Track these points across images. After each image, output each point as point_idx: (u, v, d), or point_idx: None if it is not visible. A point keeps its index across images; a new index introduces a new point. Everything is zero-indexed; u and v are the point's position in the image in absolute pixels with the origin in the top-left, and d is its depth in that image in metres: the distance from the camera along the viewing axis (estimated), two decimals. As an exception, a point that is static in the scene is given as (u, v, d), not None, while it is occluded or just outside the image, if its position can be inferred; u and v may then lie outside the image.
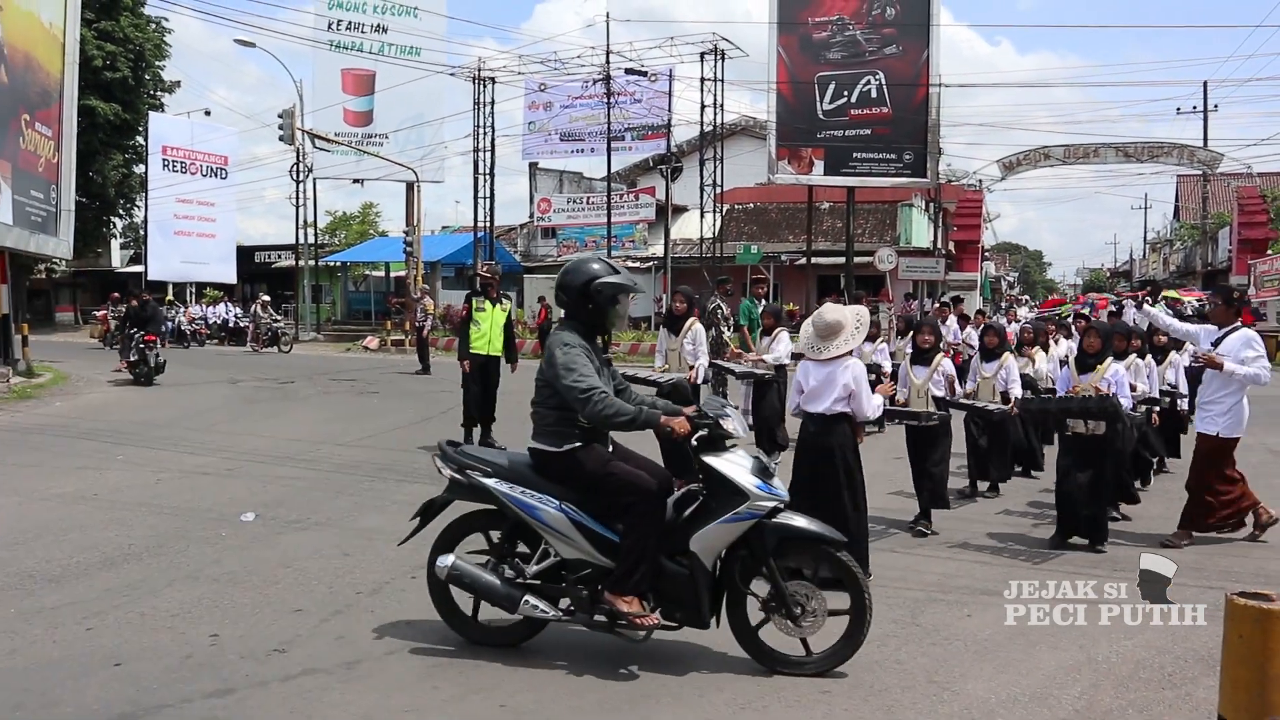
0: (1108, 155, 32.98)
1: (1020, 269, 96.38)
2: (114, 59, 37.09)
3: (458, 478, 5.20)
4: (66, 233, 21.04)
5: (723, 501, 4.90)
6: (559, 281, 5.29)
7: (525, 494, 5.03)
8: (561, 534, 5.00)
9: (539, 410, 5.18)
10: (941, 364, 8.30)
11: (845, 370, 6.49)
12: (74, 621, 5.58)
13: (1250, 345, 7.53)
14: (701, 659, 5.17)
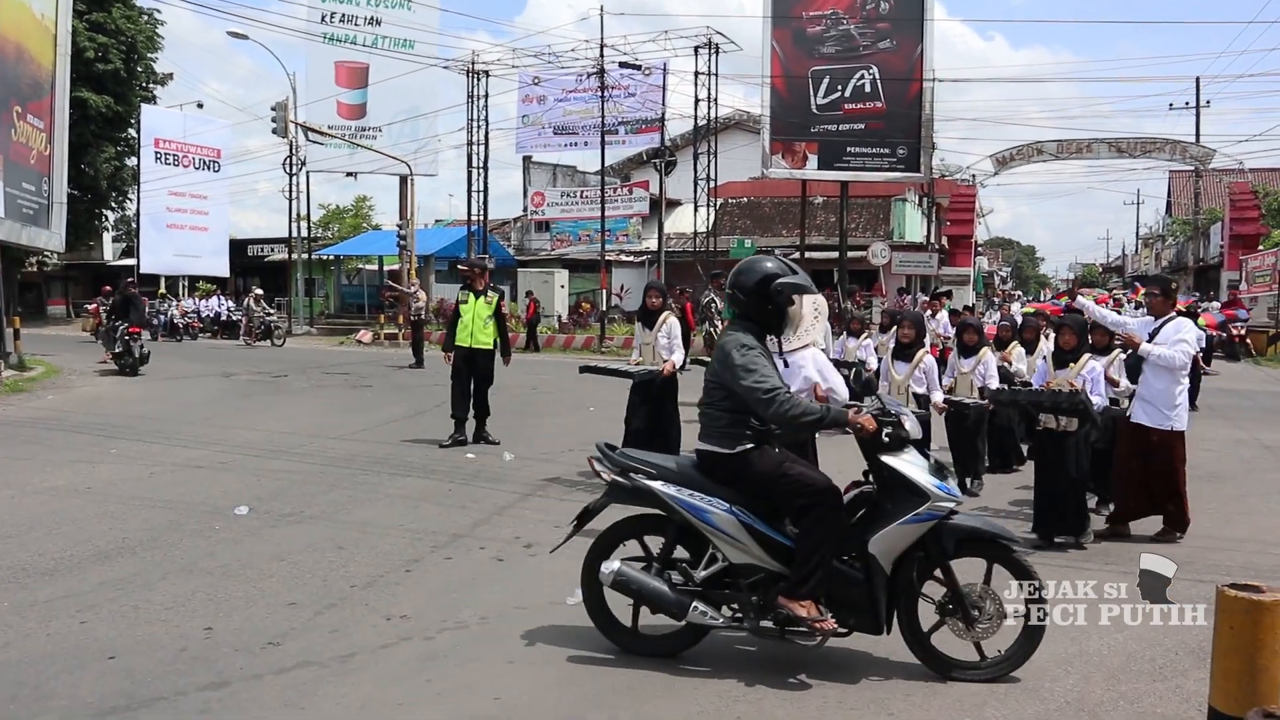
0: (1100, 150, 33.04)
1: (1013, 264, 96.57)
2: (106, 51, 36.95)
3: (620, 481, 5.04)
4: (58, 225, 20.98)
5: (901, 503, 4.80)
6: (733, 282, 5.11)
7: (693, 496, 4.90)
8: (731, 537, 4.87)
9: (709, 412, 5.03)
10: (923, 361, 8.25)
11: (807, 360, 6.44)
12: (68, 615, 5.58)
13: (1180, 331, 7.53)
14: (697, 651, 5.18)
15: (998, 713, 4.54)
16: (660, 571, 5.02)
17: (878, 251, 31.58)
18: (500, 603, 5.91)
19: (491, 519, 8.02)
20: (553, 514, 8.15)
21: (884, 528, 4.78)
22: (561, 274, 35.66)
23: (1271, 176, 42.52)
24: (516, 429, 12.35)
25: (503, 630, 5.46)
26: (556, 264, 38.16)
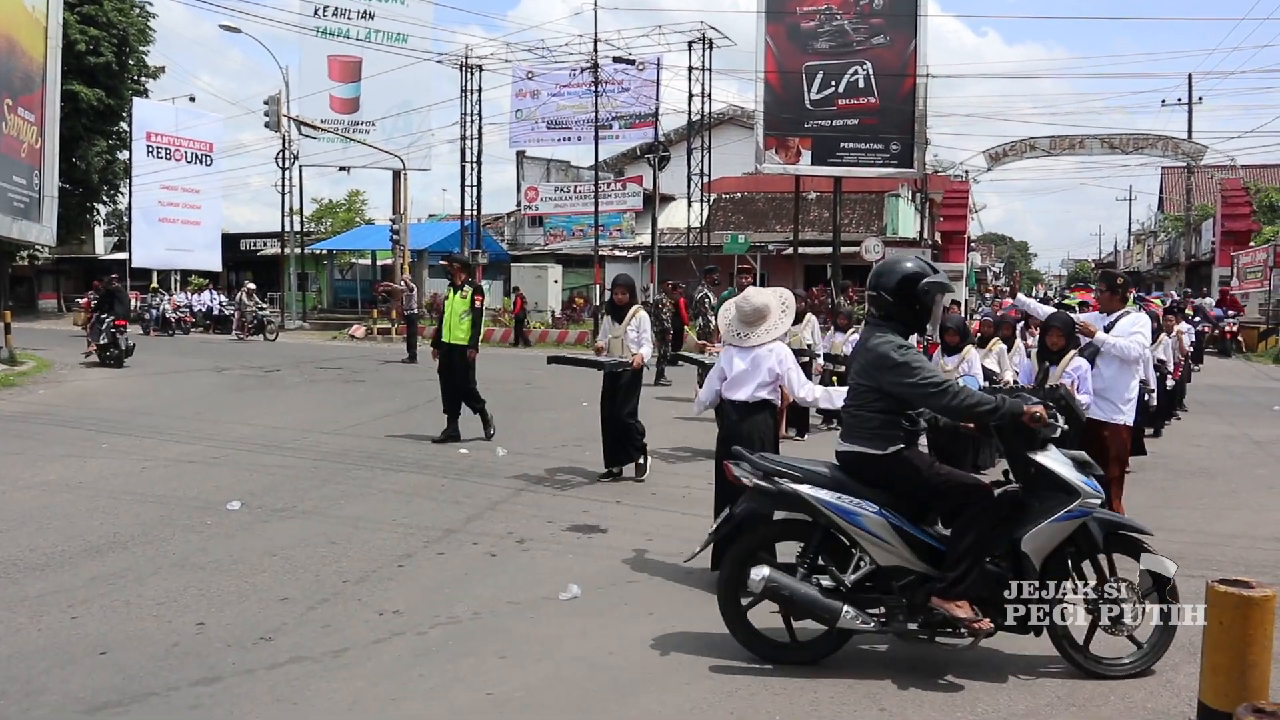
0: (1093, 147, 33.07)
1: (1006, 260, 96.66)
2: (97, 43, 36.85)
3: (764, 485, 4.98)
4: (50, 219, 20.91)
5: (1051, 500, 4.81)
6: (875, 284, 5.07)
7: (842, 500, 4.85)
8: (881, 540, 4.83)
9: (859, 414, 5.00)
10: None
11: (771, 355, 6.36)
12: (59, 610, 5.57)
13: (1135, 325, 7.48)
14: (687, 646, 5.19)
15: (990, 707, 4.55)
16: (806, 577, 4.94)
17: (871, 247, 31.56)
18: (493, 598, 5.92)
19: (484, 514, 8.02)
20: (545, 509, 8.17)
21: (1036, 526, 4.78)
22: (555, 269, 35.63)
23: (1263, 173, 42.64)
24: (509, 424, 12.34)
25: (495, 625, 5.47)
26: (550, 259, 38.14)
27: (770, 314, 6.43)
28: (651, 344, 9.77)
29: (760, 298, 6.49)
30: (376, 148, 34.55)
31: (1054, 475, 4.82)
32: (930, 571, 4.83)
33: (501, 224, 44.69)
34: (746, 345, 6.41)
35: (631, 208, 38.58)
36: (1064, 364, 7.62)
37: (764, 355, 6.37)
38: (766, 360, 6.36)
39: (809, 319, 12.53)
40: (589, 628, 5.46)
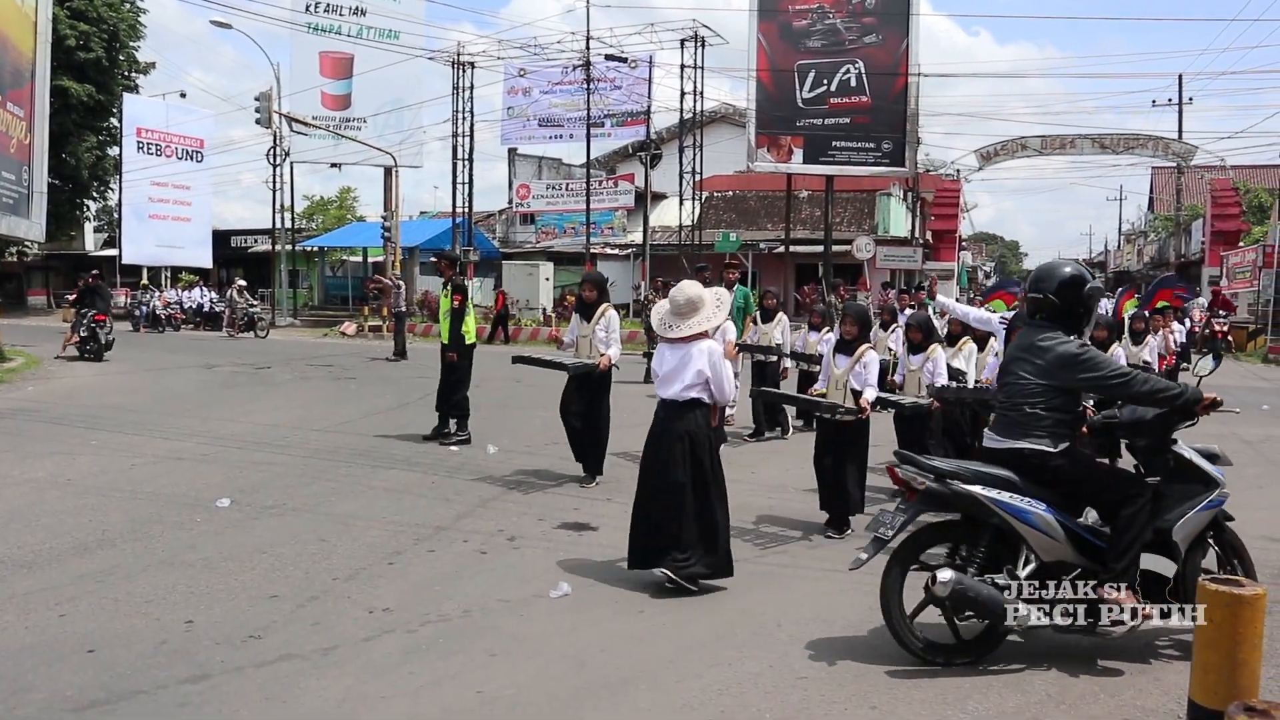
0: (1084, 146, 33.16)
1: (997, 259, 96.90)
2: (87, 39, 36.71)
3: (937, 488, 5.01)
4: (39, 215, 20.80)
5: (1189, 490, 5.00)
6: (1039, 286, 5.17)
7: (1014, 499, 4.90)
8: (1050, 536, 4.90)
9: (1033, 412, 5.02)
10: (865, 356, 7.78)
11: (701, 353, 6.12)
12: (46, 607, 5.54)
13: None
14: (679, 645, 5.19)
15: (980, 705, 4.55)
16: (978, 577, 4.95)
17: (862, 246, 31.63)
18: (483, 596, 5.90)
19: (475, 511, 8.00)
20: (535, 507, 8.16)
21: (1184, 515, 4.97)
22: (546, 266, 35.60)
23: (1253, 173, 42.78)
24: (499, 421, 12.32)
25: (485, 623, 5.46)
26: (541, 257, 38.11)
27: (704, 307, 6.21)
28: (620, 344, 9.46)
29: (694, 289, 6.28)
30: (368, 144, 34.47)
31: (1195, 466, 5.06)
32: (1087, 564, 4.95)
33: (493, 221, 44.64)
34: (677, 337, 6.16)
35: (623, 205, 38.59)
36: None
37: (695, 353, 6.14)
38: (697, 359, 6.12)
39: (779, 318, 12.41)
40: (579, 625, 5.45)
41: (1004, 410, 5.16)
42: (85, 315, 20.78)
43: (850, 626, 5.51)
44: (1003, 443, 5.08)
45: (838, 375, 7.77)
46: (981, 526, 5.01)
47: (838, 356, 7.84)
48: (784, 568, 6.66)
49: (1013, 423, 5.07)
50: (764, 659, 5.02)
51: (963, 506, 5.01)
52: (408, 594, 5.90)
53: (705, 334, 6.19)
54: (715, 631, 5.39)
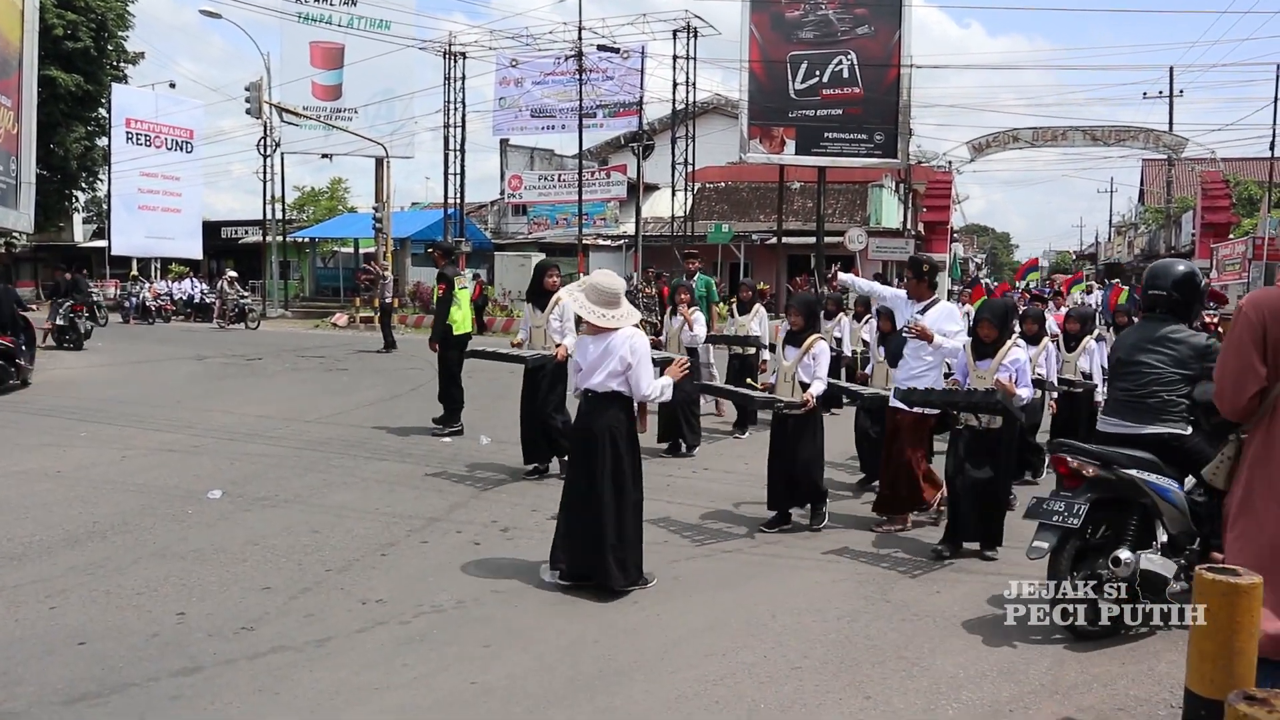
0: (1075, 138, 33.12)
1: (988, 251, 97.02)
2: (75, 28, 36.42)
3: (1105, 474, 5.29)
4: (27, 206, 20.70)
5: None
6: (1156, 284, 5.50)
7: (1159, 479, 5.25)
8: (1180, 510, 5.25)
9: (1169, 398, 5.37)
10: (814, 347, 7.45)
11: (624, 343, 5.87)
12: (36, 600, 5.51)
13: (952, 319, 7.36)
14: (673, 636, 5.19)
15: (974, 695, 4.55)
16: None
17: (854, 237, 31.59)
18: (477, 587, 5.89)
19: (468, 503, 7.98)
20: (528, 497, 8.15)
21: None
22: (539, 257, 35.46)
23: (1243, 166, 42.80)
24: (491, 411, 12.30)
25: (479, 614, 5.44)
26: (533, 247, 37.99)
27: (624, 300, 6.01)
28: (574, 334, 9.09)
29: (615, 280, 6.03)
30: (359, 135, 34.34)
31: None
32: (1196, 531, 5.28)
33: (485, 212, 44.51)
34: (601, 326, 5.89)
35: (616, 196, 38.47)
36: (999, 357, 6.96)
37: (618, 343, 5.88)
38: (619, 348, 5.88)
39: (756, 309, 12.13)
40: (573, 616, 5.44)
41: (1132, 398, 5.45)
42: (61, 304, 21.12)
43: (844, 617, 5.52)
44: (1133, 428, 5.42)
45: (786, 367, 7.52)
46: (1128, 506, 5.30)
47: (787, 348, 7.58)
48: (777, 558, 6.65)
49: (1145, 409, 5.40)
50: (758, 649, 5.02)
51: (1123, 490, 5.29)
52: (401, 585, 5.88)
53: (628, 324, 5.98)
54: (709, 622, 5.39)
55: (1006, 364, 6.93)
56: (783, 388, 7.52)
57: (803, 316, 7.64)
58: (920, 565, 6.57)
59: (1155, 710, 4.43)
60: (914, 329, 7.17)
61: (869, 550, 6.92)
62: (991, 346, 7.01)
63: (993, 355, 6.99)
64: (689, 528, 7.37)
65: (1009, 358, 6.96)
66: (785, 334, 7.73)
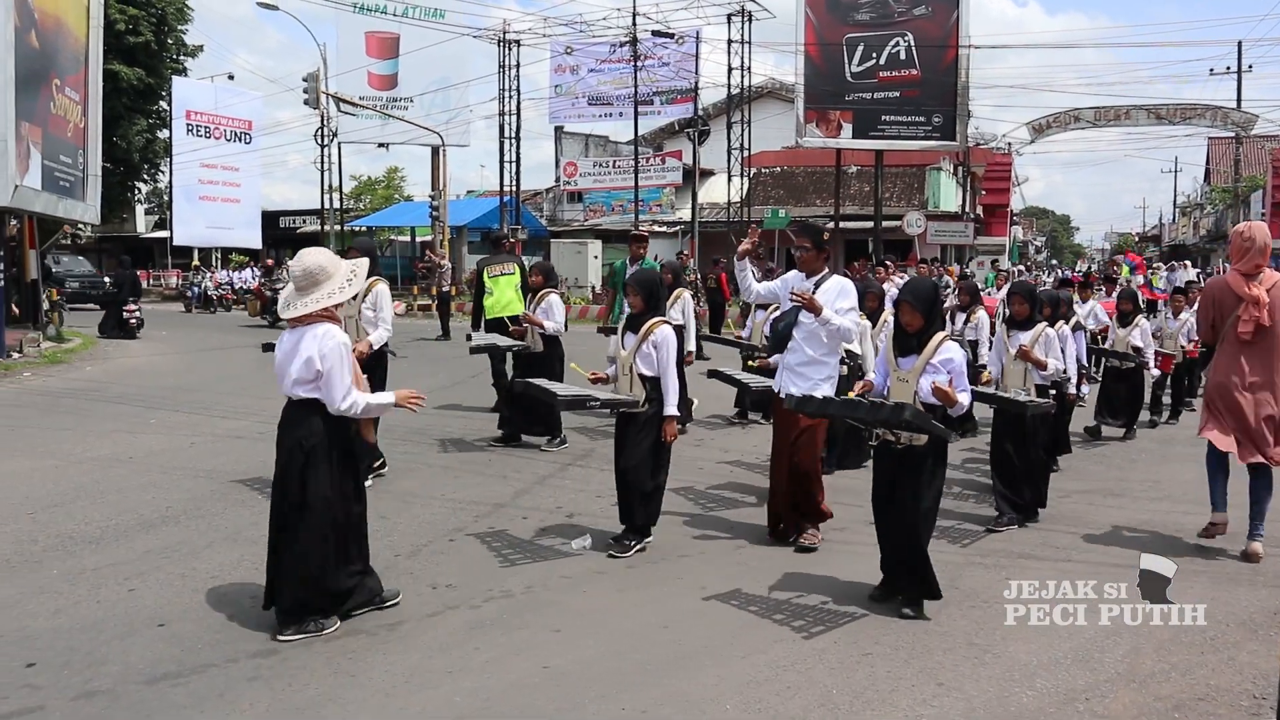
0: (1139, 117, 32.50)
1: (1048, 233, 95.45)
2: (137, 23, 37.09)
3: None
4: (94, 198, 21.10)
5: None
6: None
7: None
8: None
9: None
10: (656, 333, 6.31)
11: (314, 339, 4.79)
12: (115, 582, 5.63)
13: (844, 294, 6.35)
14: (742, 620, 5.18)
15: (1048, 683, 4.49)
16: None
17: (913, 221, 31.28)
18: (544, 572, 5.92)
19: (532, 489, 8.02)
20: (593, 483, 8.16)
21: None
22: (595, 245, 35.56)
23: (1315, 142, 41.68)
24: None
25: (548, 599, 5.47)
26: (589, 235, 38.07)
27: (330, 278, 4.86)
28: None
29: (318, 256, 4.92)
30: (415, 124, 34.59)
31: None
32: None
33: (540, 200, 44.66)
34: (291, 317, 4.87)
35: (671, 182, 38.44)
36: (925, 355, 5.41)
37: (308, 340, 4.81)
38: (309, 346, 4.79)
39: (680, 295, 10.82)
40: (641, 601, 5.45)
41: None
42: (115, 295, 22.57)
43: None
44: None
45: (624, 357, 6.40)
46: None
47: (626, 335, 6.47)
48: (842, 545, 6.60)
49: None
50: (828, 635, 4.99)
51: None
52: (470, 570, 5.93)
53: (329, 315, 4.88)
54: (778, 607, 5.37)
55: (937, 362, 5.37)
56: (621, 382, 6.36)
57: (641, 297, 6.42)
58: (989, 552, 6.50)
59: (1238, 700, 4.34)
60: (800, 296, 6.16)
61: (935, 537, 6.83)
62: (916, 338, 5.45)
63: (919, 350, 5.41)
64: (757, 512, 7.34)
65: (940, 355, 5.38)
66: (625, 319, 6.55)
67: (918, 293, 5.55)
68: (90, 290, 32.45)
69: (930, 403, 5.33)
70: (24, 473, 8.39)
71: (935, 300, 5.61)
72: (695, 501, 7.70)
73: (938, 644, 4.90)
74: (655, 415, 6.26)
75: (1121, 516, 7.47)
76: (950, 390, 5.27)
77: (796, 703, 4.28)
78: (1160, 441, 10.97)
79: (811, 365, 6.39)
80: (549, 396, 6.58)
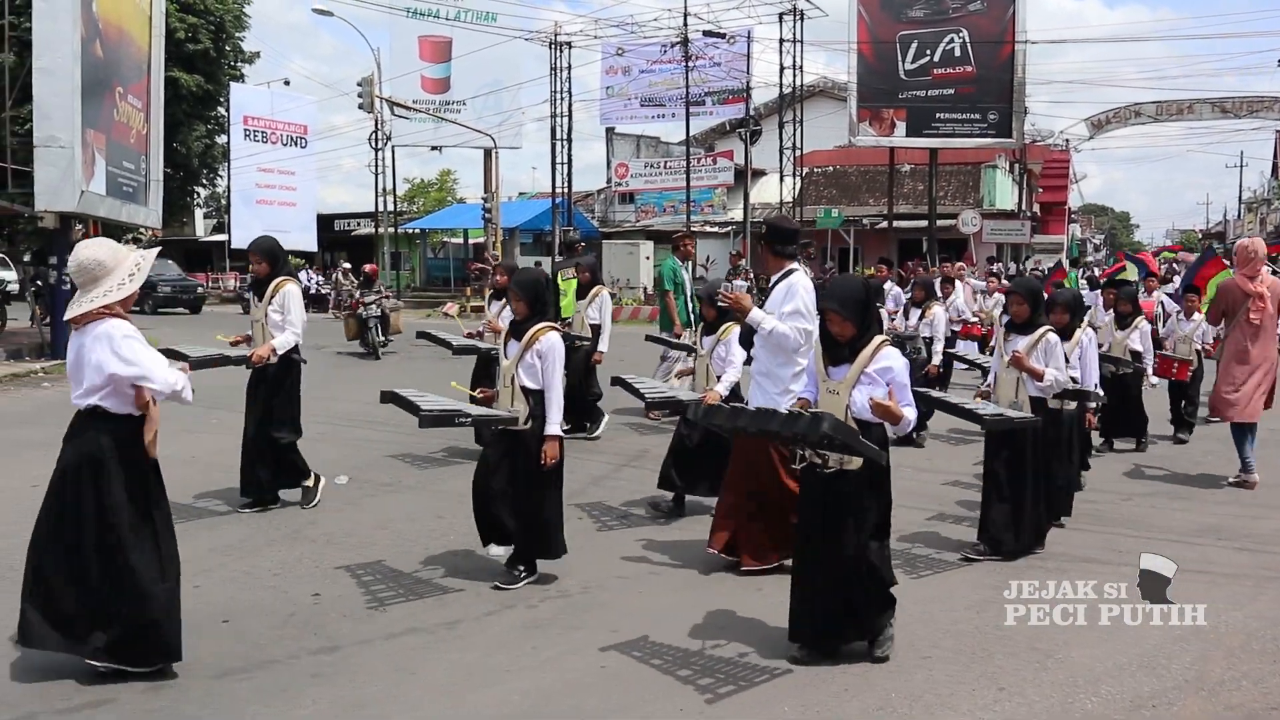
0: (1203, 111, 31.88)
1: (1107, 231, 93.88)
2: (196, 31, 37.68)
3: None
4: (156, 202, 21.51)
5: None
6: None
7: None
8: None
9: None
10: (541, 340, 5.64)
11: (99, 340, 4.29)
12: (181, 579, 5.71)
13: (790, 297, 5.75)
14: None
15: (1113, 689, 4.42)
16: None
17: (968, 220, 30.97)
18: (600, 571, 5.94)
19: (587, 489, 8.04)
20: (648, 485, 8.12)
21: None
22: (646, 245, 35.58)
23: (1386, 136, 40.63)
24: (607, 398, 12.34)
25: (604, 599, 5.49)
26: (641, 235, 38.11)
27: (112, 273, 4.37)
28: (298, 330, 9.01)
29: (93, 250, 4.42)
30: (467, 126, 34.84)
31: None
32: None
33: (592, 201, 44.78)
34: (72, 317, 4.41)
35: (723, 183, 38.36)
36: (857, 365, 4.63)
37: (90, 341, 4.32)
38: (92, 349, 4.30)
39: (597, 293, 10.50)
40: (697, 602, 5.44)
41: None
42: None
43: (972, 607, 5.41)
44: None
45: (505, 366, 5.72)
46: None
47: (509, 343, 5.78)
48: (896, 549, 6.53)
49: None
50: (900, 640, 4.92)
51: None
52: (526, 570, 5.95)
53: (112, 312, 4.37)
54: (835, 610, 5.33)
55: (874, 372, 4.61)
56: (502, 395, 5.68)
57: (525, 301, 5.73)
58: (1049, 556, 6.39)
59: (1312, 710, 4.24)
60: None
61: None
62: (848, 347, 4.68)
63: (850, 359, 4.65)
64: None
65: (877, 363, 4.63)
66: (509, 325, 5.89)
67: (843, 299, 4.67)
68: (181, 295, 33.14)
69: (865, 419, 4.58)
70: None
71: (866, 304, 4.73)
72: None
73: (999, 648, 4.84)
74: (537, 434, 5.54)
75: (1188, 520, 7.34)
76: (891, 405, 4.48)
77: (854, 705, 4.25)
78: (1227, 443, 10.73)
79: (767, 377, 5.82)
80: (413, 410, 5.52)
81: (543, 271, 8.26)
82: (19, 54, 22.09)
